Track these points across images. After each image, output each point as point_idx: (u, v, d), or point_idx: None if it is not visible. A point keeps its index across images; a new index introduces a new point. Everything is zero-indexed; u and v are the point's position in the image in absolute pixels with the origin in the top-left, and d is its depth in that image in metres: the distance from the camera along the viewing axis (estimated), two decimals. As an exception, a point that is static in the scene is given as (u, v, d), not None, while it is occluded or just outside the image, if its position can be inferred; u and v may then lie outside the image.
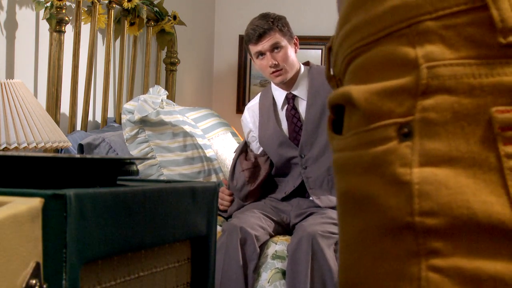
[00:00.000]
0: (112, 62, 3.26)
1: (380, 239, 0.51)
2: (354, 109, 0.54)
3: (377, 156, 0.51)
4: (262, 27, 2.60)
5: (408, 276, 0.49)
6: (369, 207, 0.52)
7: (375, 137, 0.52)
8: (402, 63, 0.51)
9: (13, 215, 0.68)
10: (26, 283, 0.70)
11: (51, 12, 2.63)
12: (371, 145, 0.52)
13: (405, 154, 0.50)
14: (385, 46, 0.53)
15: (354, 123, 0.54)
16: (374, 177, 0.51)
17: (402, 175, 0.50)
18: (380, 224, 0.51)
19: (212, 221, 1.18)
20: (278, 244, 2.47)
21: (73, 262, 0.79)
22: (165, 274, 1.07)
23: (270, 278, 2.39)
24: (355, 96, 0.53)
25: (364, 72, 0.54)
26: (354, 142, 0.54)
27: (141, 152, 2.78)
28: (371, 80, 0.53)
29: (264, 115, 2.77)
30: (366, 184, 0.52)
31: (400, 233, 0.50)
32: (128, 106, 2.83)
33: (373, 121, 0.52)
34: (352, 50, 0.55)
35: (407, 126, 0.50)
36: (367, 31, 0.54)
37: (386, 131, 0.51)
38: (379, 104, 0.52)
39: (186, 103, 4.05)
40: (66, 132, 2.82)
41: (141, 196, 0.96)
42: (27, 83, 2.54)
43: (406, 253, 0.49)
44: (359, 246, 0.53)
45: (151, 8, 3.47)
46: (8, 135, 2.07)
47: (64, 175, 0.93)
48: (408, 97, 0.51)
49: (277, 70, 2.61)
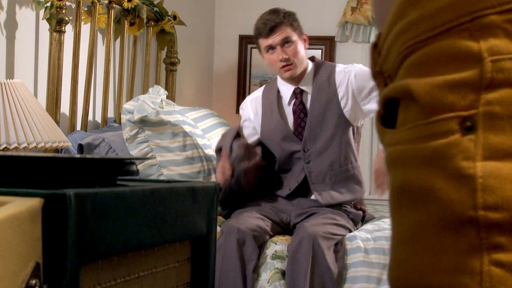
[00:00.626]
0: (112, 62, 3.26)
1: (440, 233, 0.50)
2: (412, 102, 0.53)
3: (438, 149, 0.51)
4: (274, 21, 2.60)
5: (470, 270, 0.49)
6: (428, 200, 0.51)
7: (436, 130, 0.51)
8: (465, 57, 0.51)
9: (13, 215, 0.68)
10: (26, 283, 0.70)
11: (51, 12, 2.63)
12: (432, 138, 0.51)
13: (468, 147, 0.50)
14: (445, 41, 0.52)
15: (411, 117, 0.54)
16: (435, 170, 0.51)
17: (465, 169, 0.50)
18: (441, 218, 0.50)
19: (212, 221, 1.18)
20: (278, 244, 2.47)
21: (73, 262, 0.79)
22: (165, 274, 1.07)
23: (270, 278, 2.39)
24: (415, 89, 0.53)
25: (423, 66, 0.54)
26: (412, 135, 0.53)
27: (141, 152, 2.78)
28: (431, 74, 0.53)
29: (267, 109, 2.75)
30: (425, 177, 0.52)
31: (462, 227, 0.49)
32: (127, 106, 2.83)
33: (433, 114, 0.52)
34: (409, 45, 0.55)
35: (470, 119, 0.50)
36: (425, 26, 0.53)
37: (448, 124, 0.51)
38: (440, 97, 0.51)
39: (186, 103, 4.05)
40: (66, 132, 2.82)
41: (141, 196, 0.96)
42: (27, 83, 2.54)
43: (468, 247, 0.49)
44: (416, 240, 0.52)
45: (151, 8, 3.47)
46: (8, 135, 2.07)
47: (64, 175, 0.93)
48: (472, 90, 0.51)
49: (287, 65, 2.60)
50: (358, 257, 2.42)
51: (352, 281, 2.38)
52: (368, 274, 2.38)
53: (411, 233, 0.53)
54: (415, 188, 0.52)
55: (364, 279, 2.37)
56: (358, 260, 2.41)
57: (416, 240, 0.52)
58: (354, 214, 2.67)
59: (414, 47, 0.54)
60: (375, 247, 2.43)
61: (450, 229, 0.50)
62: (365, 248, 2.43)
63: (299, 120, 2.68)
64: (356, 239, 2.46)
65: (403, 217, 0.54)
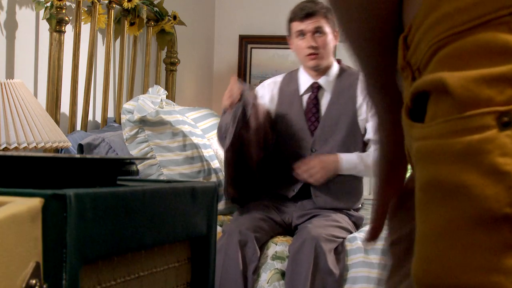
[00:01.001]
0: (112, 62, 3.26)
1: (473, 230, 0.49)
2: (444, 96, 0.52)
3: (472, 144, 0.50)
4: (311, 8, 2.60)
5: (504, 269, 0.48)
6: (460, 196, 0.50)
7: (470, 125, 0.50)
8: (503, 51, 0.50)
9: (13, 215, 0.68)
10: (26, 283, 0.70)
11: (51, 12, 2.63)
12: (466, 133, 0.50)
13: (505, 143, 0.49)
14: (482, 34, 0.51)
15: (443, 111, 0.52)
16: (469, 166, 0.50)
17: (501, 165, 0.48)
18: (474, 215, 0.49)
19: (212, 221, 1.18)
20: (278, 245, 2.47)
21: (73, 262, 0.79)
22: (165, 274, 1.07)
23: (270, 278, 2.39)
24: (450, 82, 0.51)
25: (458, 59, 0.52)
26: (444, 130, 0.52)
27: (140, 152, 2.78)
28: (467, 68, 0.51)
29: (285, 98, 2.70)
30: (458, 173, 0.50)
31: (496, 224, 0.48)
32: (127, 106, 2.83)
33: (468, 108, 0.50)
34: (442, 38, 0.54)
35: (508, 115, 0.49)
36: (460, 19, 0.52)
37: (484, 119, 0.50)
38: (477, 91, 0.50)
39: (186, 103, 4.05)
40: (66, 132, 2.82)
41: (141, 196, 0.96)
42: (27, 83, 2.54)
43: (502, 245, 0.48)
44: (446, 237, 0.51)
45: (151, 8, 3.47)
46: (8, 135, 2.07)
47: (64, 175, 0.93)
48: (510, 85, 0.49)
49: (314, 54, 2.58)
50: (358, 258, 2.42)
51: (353, 282, 2.38)
52: (368, 275, 2.38)
53: (440, 230, 0.51)
54: (446, 183, 0.51)
55: (364, 279, 2.37)
56: (358, 260, 2.41)
57: (446, 237, 0.51)
58: (356, 217, 2.66)
59: (448, 39, 0.53)
60: (375, 248, 2.43)
61: (484, 226, 0.49)
62: (365, 249, 2.43)
63: (310, 114, 2.66)
64: (356, 240, 2.46)
65: (431, 214, 0.53)
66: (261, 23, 4.45)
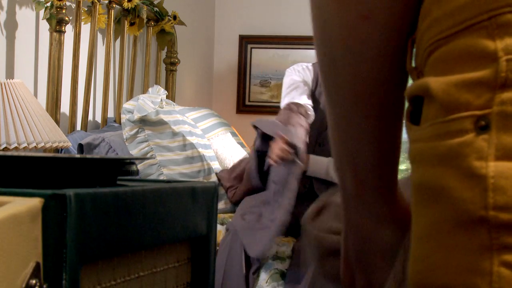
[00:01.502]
0: (112, 62, 3.26)
1: (454, 232, 0.50)
2: (432, 100, 0.53)
3: (453, 148, 0.51)
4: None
5: (480, 270, 0.49)
6: (443, 199, 0.51)
7: (451, 129, 0.51)
8: (481, 55, 0.51)
9: (13, 215, 0.68)
10: (26, 283, 0.70)
11: (51, 12, 2.63)
12: (447, 137, 0.51)
13: (482, 147, 0.50)
14: (464, 39, 0.52)
15: (431, 114, 0.54)
16: (449, 169, 0.51)
17: (477, 169, 0.49)
18: (454, 217, 0.50)
19: (212, 221, 1.18)
20: (280, 245, 2.47)
21: (73, 262, 0.79)
22: (165, 274, 1.07)
23: (269, 278, 2.39)
24: (433, 86, 0.53)
25: (443, 64, 0.54)
26: (430, 133, 0.53)
27: (140, 151, 2.79)
28: (450, 72, 0.52)
29: None
30: (440, 176, 0.52)
31: (473, 226, 0.49)
32: (127, 105, 2.83)
33: (450, 112, 0.52)
34: (432, 42, 0.55)
35: (485, 119, 0.50)
36: (446, 23, 0.53)
37: (463, 123, 0.51)
38: (457, 95, 0.51)
39: (186, 103, 4.05)
40: (66, 132, 2.82)
41: (141, 196, 0.96)
42: (27, 83, 2.54)
43: (478, 247, 0.49)
44: (431, 238, 0.52)
45: (151, 8, 3.47)
46: (8, 135, 2.07)
47: (64, 175, 0.93)
48: (487, 89, 0.50)
49: None
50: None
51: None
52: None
53: (427, 231, 0.53)
54: (431, 186, 0.53)
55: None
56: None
57: (432, 239, 0.52)
58: None
59: (437, 44, 0.54)
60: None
61: (463, 229, 0.50)
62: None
63: None
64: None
65: (421, 215, 0.54)
66: (261, 23, 4.45)
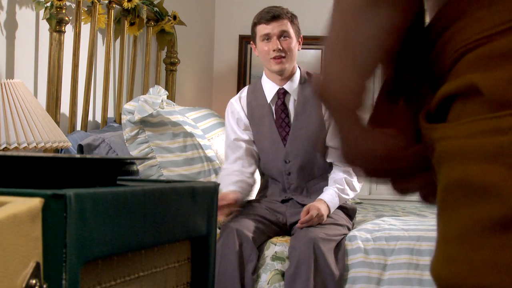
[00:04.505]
0: (112, 62, 3.26)
1: (503, 230, 0.49)
2: (473, 97, 0.52)
3: (503, 145, 0.49)
4: (277, 12, 2.61)
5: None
6: (490, 196, 0.49)
7: (502, 125, 0.50)
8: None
9: (13, 215, 0.68)
10: (26, 283, 0.70)
11: (51, 12, 2.63)
12: (497, 133, 0.50)
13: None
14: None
15: (471, 111, 0.52)
16: (498, 166, 0.49)
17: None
18: (503, 215, 0.49)
19: (212, 221, 1.18)
20: (277, 245, 2.47)
21: (73, 262, 0.79)
22: (165, 274, 1.07)
23: (270, 279, 2.39)
24: (482, 83, 0.51)
25: (489, 61, 0.52)
26: (472, 129, 0.51)
27: (141, 152, 2.78)
28: (498, 69, 0.51)
29: (256, 111, 2.70)
30: (487, 173, 0.50)
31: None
32: (128, 106, 2.83)
33: (500, 108, 0.50)
34: (472, 41, 0.54)
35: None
36: (492, 21, 0.52)
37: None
38: (509, 91, 0.50)
39: (186, 103, 4.05)
40: (66, 132, 2.82)
41: (141, 196, 0.96)
42: (27, 83, 2.54)
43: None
44: (473, 237, 0.50)
45: (151, 8, 3.47)
46: (8, 135, 2.07)
47: (64, 175, 0.93)
48: None
49: (279, 57, 2.58)
50: (358, 258, 2.42)
51: (353, 282, 2.38)
52: (368, 275, 2.38)
53: (466, 230, 0.51)
54: (474, 184, 0.51)
55: (364, 279, 2.37)
56: (358, 260, 2.41)
57: (474, 237, 0.50)
58: (349, 209, 2.67)
59: (477, 42, 0.53)
60: (375, 248, 2.43)
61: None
62: (365, 249, 2.42)
63: (280, 120, 2.65)
64: (356, 239, 2.46)
65: (456, 214, 0.52)
66: (261, 23, 4.45)
